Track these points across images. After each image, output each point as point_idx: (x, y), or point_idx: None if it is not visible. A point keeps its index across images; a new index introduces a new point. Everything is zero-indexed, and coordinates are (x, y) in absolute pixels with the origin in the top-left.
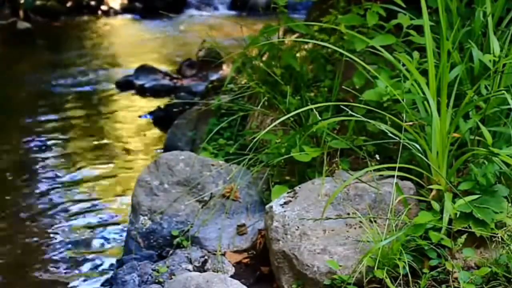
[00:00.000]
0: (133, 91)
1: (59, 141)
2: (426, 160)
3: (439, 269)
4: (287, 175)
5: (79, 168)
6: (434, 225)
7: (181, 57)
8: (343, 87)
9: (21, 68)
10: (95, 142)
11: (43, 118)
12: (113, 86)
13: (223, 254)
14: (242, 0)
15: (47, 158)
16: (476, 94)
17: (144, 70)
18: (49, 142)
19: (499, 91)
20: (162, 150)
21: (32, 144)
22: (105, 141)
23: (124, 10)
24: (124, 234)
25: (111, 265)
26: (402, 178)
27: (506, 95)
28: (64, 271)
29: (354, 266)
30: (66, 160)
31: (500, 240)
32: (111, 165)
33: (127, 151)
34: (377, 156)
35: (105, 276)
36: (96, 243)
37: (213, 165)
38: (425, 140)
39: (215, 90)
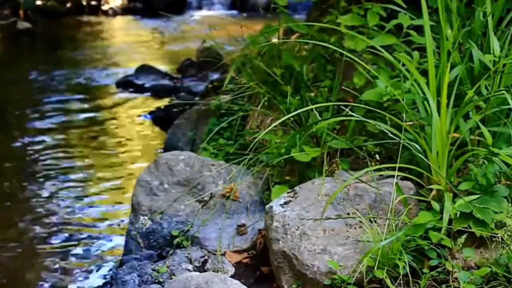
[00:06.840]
0: (133, 91)
1: (59, 141)
2: (426, 160)
3: (439, 269)
4: (287, 175)
5: (79, 168)
6: (434, 225)
7: (181, 57)
8: (343, 87)
9: (21, 68)
10: (95, 142)
11: (42, 117)
12: (113, 86)
13: (223, 254)
14: (242, 0)
15: (46, 158)
16: (476, 94)
17: (144, 70)
18: (48, 142)
19: (499, 91)
20: (162, 150)
21: (31, 144)
22: (105, 141)
23: (124, 10)
24: (124, 234)
25: (111, 265)
26: (402, 178)
27: (506, 95)
28: (64, 271)
29: (354, 266)
30: (66, 160)
31: (500, 240)
32: (111, 165)
33: (127, 151)
34: (377, 156)
35: (105, 276)
36: (96, 243)
37: (213, 165)
38: (425, 140)
39: (215, 90)
